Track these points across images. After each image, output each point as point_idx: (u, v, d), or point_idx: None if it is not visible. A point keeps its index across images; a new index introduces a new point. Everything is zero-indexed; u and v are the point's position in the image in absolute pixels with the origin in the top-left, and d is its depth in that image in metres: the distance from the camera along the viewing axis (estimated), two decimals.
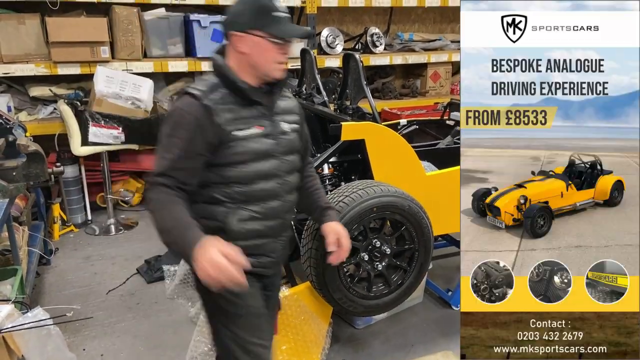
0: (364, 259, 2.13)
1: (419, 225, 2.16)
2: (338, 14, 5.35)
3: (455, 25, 5.92)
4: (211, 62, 1.61)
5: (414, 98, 5.40)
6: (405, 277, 2.23)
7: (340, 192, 2.09)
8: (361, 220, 2.05)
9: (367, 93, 2.43)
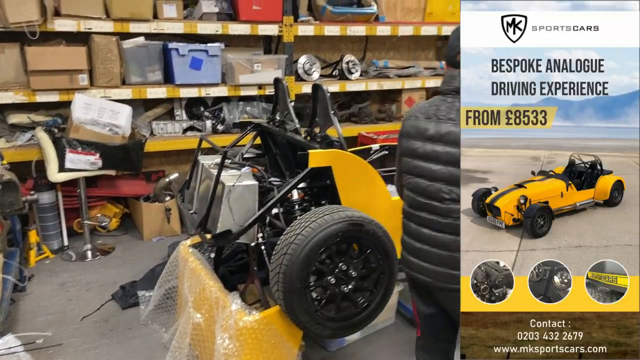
0: (330, 282, 2.20)
1: (383, 249, 2.24)
2: (315, 41, 5.50)
3: (429, 53, 6.12)
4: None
5: (390, 122, 5.54)
6: (371, 299, 2.30)
7: (306, 217, 2.17)
8: (327, 245, 2.13)
9: (334, 121, 2.53)
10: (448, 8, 5.62)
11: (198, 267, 2.77)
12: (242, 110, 4.91)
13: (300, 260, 2.07)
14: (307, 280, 2.12)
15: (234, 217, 2.33)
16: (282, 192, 2.36)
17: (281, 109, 3.18)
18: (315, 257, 2.10)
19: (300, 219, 2.18)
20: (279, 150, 3.21)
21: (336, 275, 2.21)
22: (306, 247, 2.07)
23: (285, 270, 2.08)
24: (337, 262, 2.20)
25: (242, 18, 4.57)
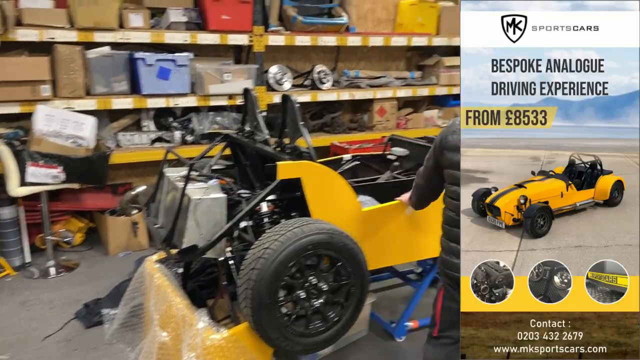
0: (300, 297, 2.15)
1: (354, 261, 2.21)
2: (286, 51, 5.48)
3: (399, 63, 6.17)
4: None
5: (362, 132, 5.55)
6: (342, 313, 2.25)
7: (276, 230, 2.12)
8: (297, 258, 2.08)
9: (303, 132, 2.50)
10: (417, 19, 5.68)
11: (164, 284, 2.68)
12: (212, 121, 4.84)
13: (269, 275, 2.01)
14: (277, 295, 2.06)
15: (201, 232, 2.26)
16: (250, 205, 2.31)
17: (250, 119, 3.13)
18: (284, 272, 2.05)
19: (269, 232, 2.13)
20: (249, 162, 3.15)
21: (306, 289, 2.16)
22: (275, 261, 2.02)
23: (253, 286, 2.02)
24: (307, 276, 2.15)
25: (211, 27, 4.51)
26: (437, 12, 5.80)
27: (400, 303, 3.62)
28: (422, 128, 5.81)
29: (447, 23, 5.83)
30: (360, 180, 3.21)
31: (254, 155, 3.06)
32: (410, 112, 5.95)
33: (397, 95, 5.60)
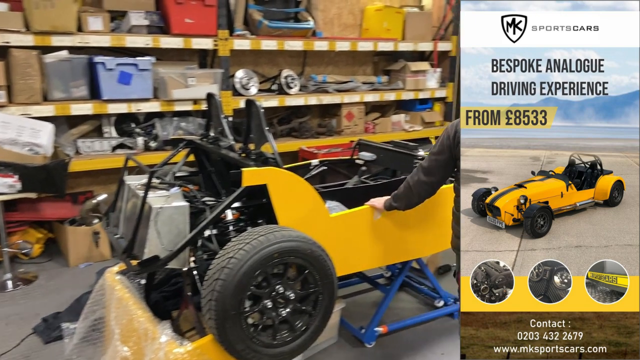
0: (267, 307, 2.10)
1: (322, 269, 2.17)
2: (252, 56, 5.42)
3: (366, 68, 6.19)
4: None
5: (331, 137, 5.54)
6: (310, 321, 2.21)
7: (241, 239, 2.06)
8: (263, 267, 2.03)
9: (268, 138, 2.45)
10: (383, 25, 5.72)
11: (125, 296, 2.59)
12: (177, 126, 4.74)
13: (234, 285, 1.96)
14: (242, 305, 2.00)
15: (162, 242, 2.18)
16: (214, 214, 2.24)
17: (215, 124, 3.06)
18: (250, 281, 2.00)
19: (234, 241, 2.07)
20: (213, 168, 3.08)
21: (273, 298, 2.11)
22: (240, 271, 1.96)
23: (218, 297, 1.95)
24: (274, 285, 2.10)
25: (174, 31, 4.42)
26: (403, 17, 5.85)
27: (369, 308, 3.60)
28: (390, 132, 5.84)
29: (413, 29, 5.89)
30: (328, 186, 3.19)
31: (218, 162, 2.99)
32: (378, 117, 5.97)
33: (365, 100, 5.61)
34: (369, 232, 2.69)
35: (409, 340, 3.22)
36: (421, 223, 2.91)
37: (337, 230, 2.54)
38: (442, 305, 3.49)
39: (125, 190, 2.60)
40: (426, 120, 6.13)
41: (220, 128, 2.95)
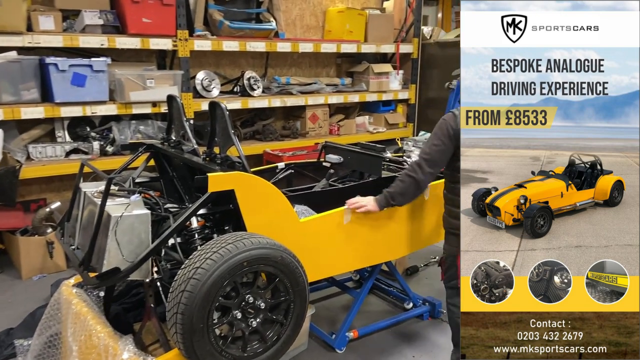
0: (236, 317, 2.00)
1: (293, 276, 2.09)
2: (213, 57, 5.30)
3: (329, 70, 6.16)
4: None
5: (295, 139, 5.47)
6: (282, 330, 2.13)
7: (208, 248, 1.96)
8: (232, 276, 1.94)
9: (234, 141, 2.36)
10: (346, 26, 5.70)
11: (83, 310, 2.44)
12: (135, 130, 4.56)
13: (202, 296, 1.85)
14: (210, 318, 1.90)
15: (123, 253, 2.06)
16: (178, 222, 2.13)
17: (177, 128, 2.94)
18: (219, 292, 1.90)
19: (201, 250, 1.97)
20: (176, 173, 2.96)
21: (243, 309, 2.02)
22: (208, 281, 1.86)
23: (184, 310, 1.85)
24: (244, 295, 2.01)
25: (131, 31, 4.25)
26: (365, 19, 5.85)
27: (339, 312, 3.55)
28: (354, 134, 5.82)
29: (375, 31, 5.90)
30: (295, 190, 3.12)
31: (181, 167, 2.88)
32: (342, 119, 5.95)
33: (329, 102, 5.57)
34: (340, 237, 2.64)
35: (380, 344, 3.18)
36: (393, 225, 2.88)
37: (307, 236, 2.48)
38: (411, 307, 3.47)
39: (82, 197, 2.45)
40: (390, 121, 6.16)
41: (183, 131, 2.84)
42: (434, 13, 11.33)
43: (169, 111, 2.99)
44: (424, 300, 3.52)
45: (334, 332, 3.09)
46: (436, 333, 3.31)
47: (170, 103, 2.96)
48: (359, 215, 2.66)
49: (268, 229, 2.26)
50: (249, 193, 2.24)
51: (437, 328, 3.37)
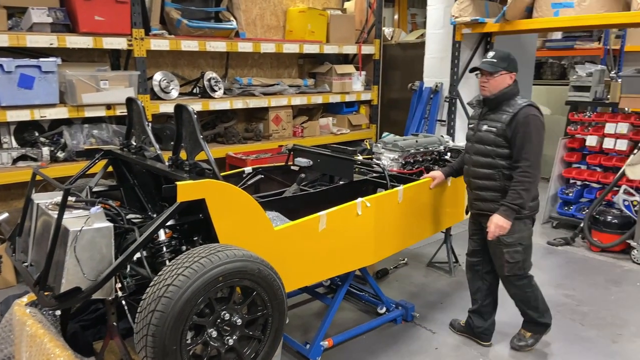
0: (212, 336, 1.87)
1: (270, 288, 1.98)
2: (171, 57, 5.08)
3: (291, 71, 6.05)
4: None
5: (258, 142, 5.32)
6: (260, 347, 2.01)
7: (179, 262, 1.82)
8: (206, 293, 1.80)
9: (204, 147, 2.21)
10: (307, 27, 5.60)
11: (39, 332, 2.24)
12: (89, 134, 4.30)
13: (174, 316, 1.71)
14: (184, 338, 1.77)
15: (84, 271, 1.89)
16: (144, 235, 1.98)
17: (137, 132, 2.76)
18: (192, 310, 1.76)
19: (171, 265, 1.83)
20: (137, 181, 2.78)
21: (218, 326, 1.89)
22: (181, 299, 1.72)
23: (155, 332, 1.70)
24: (219, 311, 1.88)
25: (82, 30, 4.00)
26: (327, 20, 5.77)
27: (312, 320, 3.45)
28: (319, 136, 5.74)
29: (337, 31, 5.83)
30: (266, 195, 3.00)
31: (143, 174, 2.70)
32: (306, 120, 5.85)
33: (292, 103, 5.46)
34: (316, 244, 2.55)
35: (355, 351, 3.11)
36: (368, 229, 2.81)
37: (283, 244, 2.37)
38: (384, 311, 3.42)
39: (34, 210, 2.26)
40: (353, 123, 6.11)
41: (144, 136, 2.67)
42: (391, 15, 11.42)
43: (129, 114, 2.81)
44: (396, 304, 3.48)
45: (308, 341, 2.99)
46: (410, 337, 3.27)
47: (129, 106, 2.78)
48: (334, 221, 2.58)
49: (242, 239, 2.14)
50: (220, 202, 2.11)
51: (410, 332, 3.33)
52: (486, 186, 2.89)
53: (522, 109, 2.75)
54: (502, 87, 2.79)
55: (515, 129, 2.74)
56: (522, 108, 2.75)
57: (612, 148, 5.03)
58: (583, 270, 4.36)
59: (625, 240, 4.55)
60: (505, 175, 2.82)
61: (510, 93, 2.81)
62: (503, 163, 2.81)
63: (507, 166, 2.81)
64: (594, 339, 3.28)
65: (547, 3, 4.70)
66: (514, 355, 3.10)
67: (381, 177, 3.23)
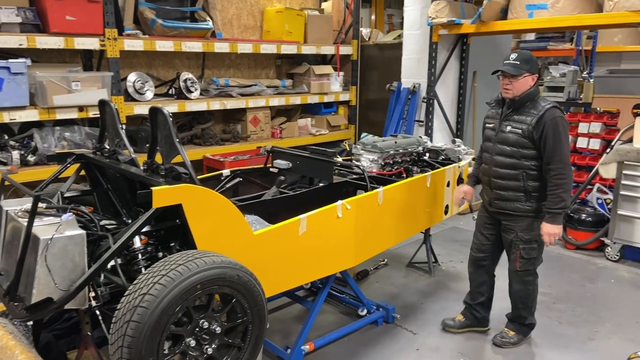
0: (190, 345, 1.82)
1: (250, 295, 1.94)
2: (146, 57, 4.98)
3: (269, 71, 6.00)
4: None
5: (236, 143, 5.26)
6: (240, 355, 1.97)
7: (155, 270, 1.76)
8: (184, 301, 1.75)
9: (180, 151, 2.16)
10: (284, 27, 5.56)
11: (10, 344, 2.15)
12: (60, 137, 4.18)
13: (151, 326, 1.66)
14: (161, 349, 1.72)
15: (55, 280, 1.82)
16: (119, 242, 1.92)
17: (111, 136, 2.69)
18: (170, 320, 1.71)
19: (147, 274, 1.77)
20: (110, 186, 2.71)
21: (196, 335, 1.84)
22: (157, 309, 1.67)
23: (130, 343, 1.65)
24: (197, 320, 1.83)
25: (53, 30, 3.89)
26: (304, 20, 5.74)
27: (292, 324, 3.42)
28: (297, 137, 5.70)
29: (314, 32, 5.81)
30: (245, 199, 2.95)
31: (117, 178, 2.63)
32: (284, 121, 5.81)
33: (270, 104, 5.41)
34: (297, 247, 2.51)
35: (337, 355, 3.08)
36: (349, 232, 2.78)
37: (263, 249, 2.33)
38: (365, 313, 3.40)
39: (3, 217, 2.17)
40: (332, 123, 6.09)
41: (118, 139, 2.60)
42: (368, 15, 11.45)
43: (101, 117, 2.73)
44: (377, 305, 3.47)
45: (289, 346, 2.96)
46: (391, 339, 3.26)
47: (102, 108, 2.70)
48: (314, 224, 2.55)
49: (220, 245, 2.09)
50: (198, 207, 2.06)
51: (391, 333, 3.32)
52: (509, 186, 2.92)
53: (547, 111, 2.80)
54: (526, 88, 2.84)
55: (543, 131, 2.78)
56: (548, 110, 2.80)
57: (586, 147, 5.13)
58: (559, 267, 4.43)
59: (599, 238, 4.64)
60: (529, 176, 2.87)
61: (533, 94, 2.87)
62: (528, 164, 2.86)
63: (532, 167, 2.86)
64: (571, 336, 3.33)
65: (521, 4, 4.76)
66: (493, 355, 3.12)
67: (361, 179, 3.22)
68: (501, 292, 3.28)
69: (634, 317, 3.56)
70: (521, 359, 3.07)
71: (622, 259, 4.54)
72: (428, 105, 5.62)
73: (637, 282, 4.15)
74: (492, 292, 3.29)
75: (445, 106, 5.69)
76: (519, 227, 2.96)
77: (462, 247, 4.85)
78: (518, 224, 2.96)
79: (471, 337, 3.29)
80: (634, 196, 4.33)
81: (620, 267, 4.44)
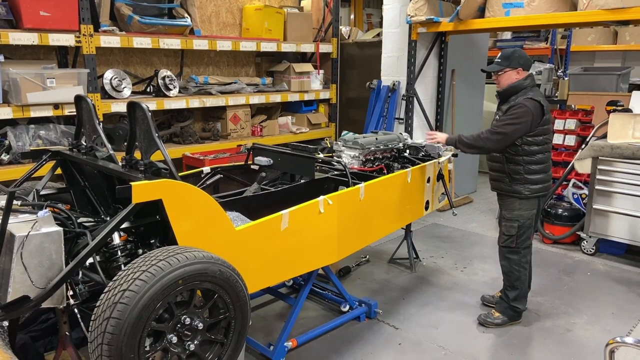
0: (171, 342, 1.80)
1: (233, 290, 1.92)
2: (123, 54, 4.91)
3: (249, 69, 5.96)
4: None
5: (216, 141, 5.21)
6: (222, 351, 1.95)
7: (135, 266, 1.73)
8: (165, 297, 1.73)
9: (159, 146, 2.13)
10: (264, 25, 5.54)
11: None
12: (35, 135, 4.09)
13: (132, 323, 1.63)
14: (142, 346, 1.69)
15: (32, 278, 1.77)
16: (97, 239, 1.88)
17: (88, 132, 2.64)
18: (150, 316, 1.69)
19: (127, 270, 1.74)
20: (88, 183, 2.66)
21: (178, 331, 1.82)
22: (138, 305, 1.64)
23: (110, 340, 1.61)
24: (179, 316, 1.81)
25: (26, 25, 3.80)
26: (284, 18, 5.73)
27: (274, 321, 3.40)
28: (278, 135, 5.68)
29: (294, 29, 5.80)
30: (226, 195, 2.93)
31: (94, 175, 2.58)
32: (264, 119, 5.78)
33: (250, 102, 5.38)
34: (279, 243, 2.50)
35: (319, 351, 3.08)
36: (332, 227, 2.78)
37: (245, 245, 2.31)
38: (347, 309, 3.41)
39: None
40: (312, 122, 6.09)
41: (95, 136, 2.55)
42: (347, 14, 11.47)
43: (78, 113, 2.68)
44: (359, 301, 3.47)
45: (272, 342, 2.94)
46: (373, 334, 3.27)
47: (79, 104, 2.65)
48: (296, 220, 2.54)
49: (202, 241, 2.07)
50: (178, 202, 2.03)
51: (373, 329, 3.33)
52: (494, 168, 3.29)
53: (519, 100, 3.03)
54: (510, 82, 3.12)
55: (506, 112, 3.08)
56: (521, 100, 3.03)
57: (561, 144, 5.23)
58: (536, 261, 4.50)
59: (576, 232, 4.74)
60: (508, 159, 3.16)
61: (519, 87, 3.10)
62: (506, 149, 3.14)
63: (509, 152, 3.14)
64: (549, 328, 3.39)
65: (498, 3, 4.83)
66: (473, 348, 3.16)
67: (342, 175, 3.22)
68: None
69: (610, 309, 3.65)
70: (499, 352, 3.12)
71: (597, 252, 4.64)
72: (408, 102, 5.65)
73: (612, 274, 4.24)
74: (527, 278, 3.42)
75: (425, 103, 5.74)
76: (504, 205, 3.30)
77: (443, 243, 4.90)
78: (504, 203, 3.29)
79: (452, 331, 3.32)
80: (609, 191, 4.43)
81: (596, 261, 4.54)
